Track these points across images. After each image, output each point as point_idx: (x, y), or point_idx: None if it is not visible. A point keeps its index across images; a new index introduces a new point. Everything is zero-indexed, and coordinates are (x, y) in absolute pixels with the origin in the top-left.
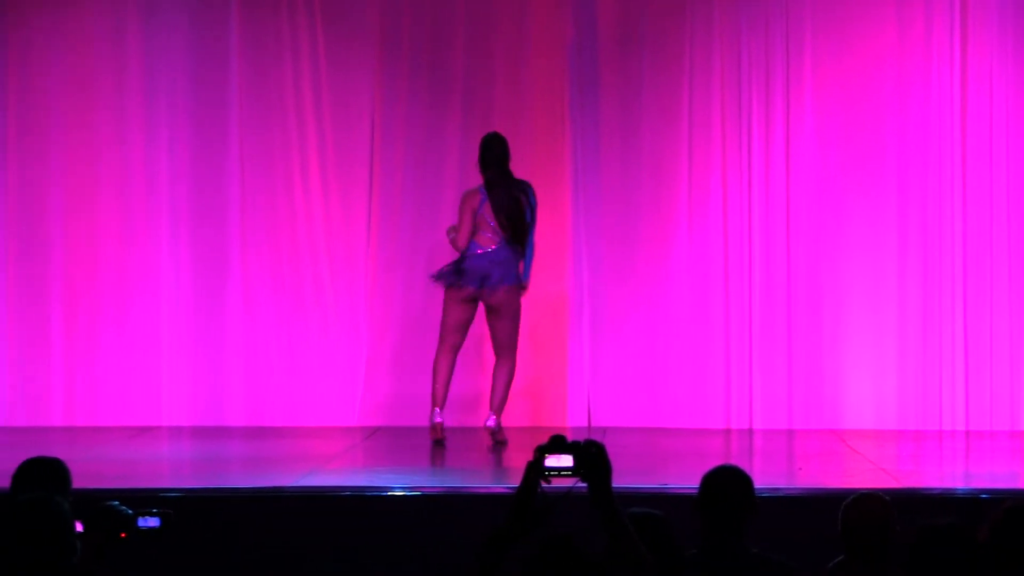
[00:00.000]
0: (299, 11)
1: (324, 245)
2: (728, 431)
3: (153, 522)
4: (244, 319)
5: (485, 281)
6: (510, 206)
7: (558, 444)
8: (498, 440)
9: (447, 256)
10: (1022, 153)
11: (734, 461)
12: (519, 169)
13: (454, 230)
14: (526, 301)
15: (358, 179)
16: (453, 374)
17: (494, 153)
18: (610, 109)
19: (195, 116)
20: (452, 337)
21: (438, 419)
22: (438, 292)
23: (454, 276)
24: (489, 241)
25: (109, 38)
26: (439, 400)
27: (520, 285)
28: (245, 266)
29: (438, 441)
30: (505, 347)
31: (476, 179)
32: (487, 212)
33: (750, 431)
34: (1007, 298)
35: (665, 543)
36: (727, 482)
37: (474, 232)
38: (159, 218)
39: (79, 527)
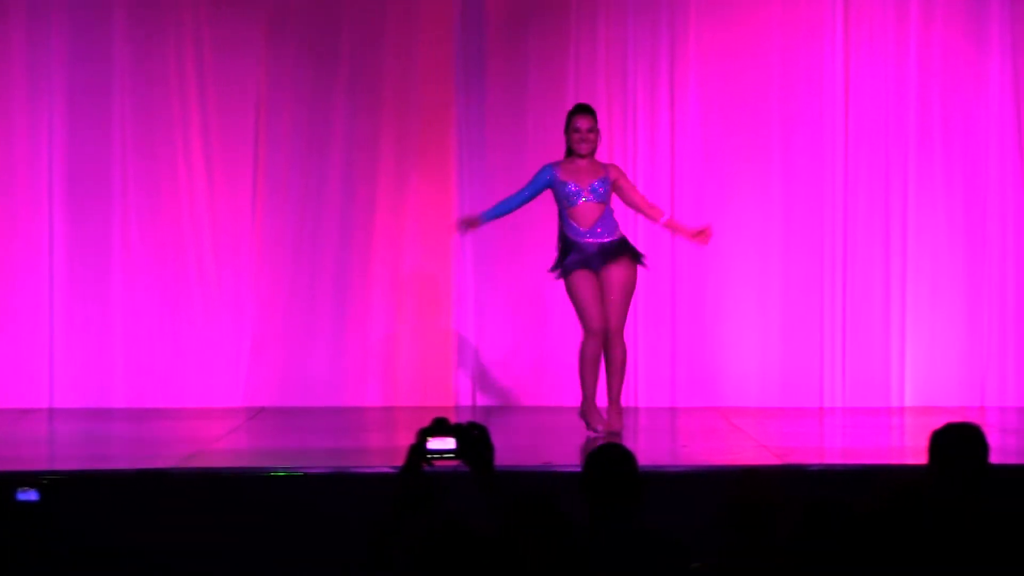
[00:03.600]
0: None
1: (208, 224)
2: None
3: (32, 495)
4: (128, 300)
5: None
6: None
7: (440, 427)
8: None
9: (333, 233)
10: (903, 129)
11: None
12: (406, 148)
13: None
14: (409, 281)
15: (243, 158)
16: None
17: None
18: (496, 91)
19: (76, 100)
20: None
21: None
22: (326, 270)
23: None
24: None
25: None
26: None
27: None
28: (127, 247)
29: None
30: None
31: (362, 155)
32: None
33: (635, 409)
34: (883, 277)
35: (552, 522)
36: (611, 460)
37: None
38: (40, 200)
39: None
